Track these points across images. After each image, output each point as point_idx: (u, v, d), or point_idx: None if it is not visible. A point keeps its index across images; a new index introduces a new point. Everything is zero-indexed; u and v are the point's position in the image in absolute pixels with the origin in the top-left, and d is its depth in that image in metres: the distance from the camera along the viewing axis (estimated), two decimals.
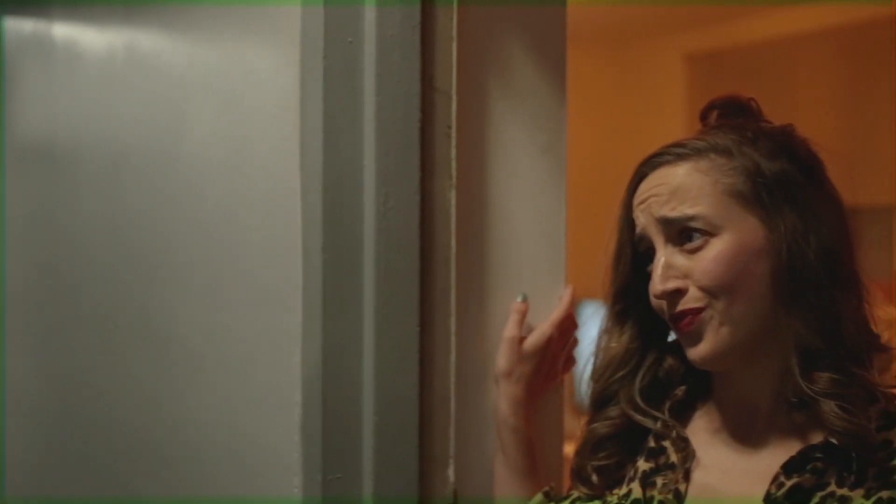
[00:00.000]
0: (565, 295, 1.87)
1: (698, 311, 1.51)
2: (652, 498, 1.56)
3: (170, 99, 2.20)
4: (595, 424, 1.65)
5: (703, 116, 1.62)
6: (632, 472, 1.61)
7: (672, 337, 1.61)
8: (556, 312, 1.84)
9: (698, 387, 1.63)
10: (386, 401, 1.72)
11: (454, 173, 1.77)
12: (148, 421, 2.29)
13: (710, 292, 1.50)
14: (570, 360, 1.87)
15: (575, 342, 1.87)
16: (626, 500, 1.58)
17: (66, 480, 2.68)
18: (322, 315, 1.70)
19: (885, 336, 1.55)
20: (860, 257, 1.56)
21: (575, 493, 1.67)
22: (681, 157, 1.55)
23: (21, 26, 3.09)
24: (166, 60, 2.23)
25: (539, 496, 1.73)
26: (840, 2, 4.60)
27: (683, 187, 1.52)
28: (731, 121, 1.59)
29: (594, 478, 1.64)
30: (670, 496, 1.55)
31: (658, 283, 1.53)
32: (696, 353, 1.53)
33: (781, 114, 1.62)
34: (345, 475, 1.72)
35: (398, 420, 1.73)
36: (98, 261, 2.51)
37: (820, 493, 1.47)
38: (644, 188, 1.57)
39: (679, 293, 1.52)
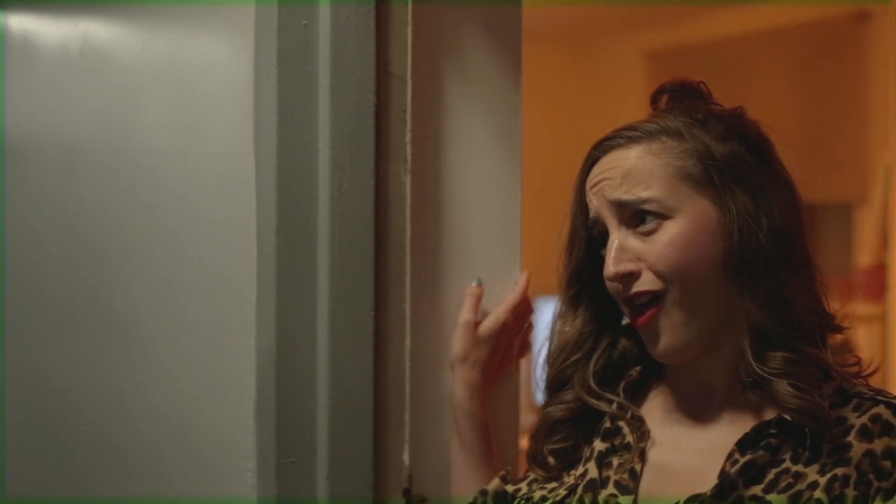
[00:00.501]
0: (521, 280, 1.87)
1: (653, 293, 1.51)
2: (608, 478, 1.57)
3: (125, 89, 2.18)
4: (550, 408, 1.66)
5: (654, 100, 1.63)
6: (588, 453, 1.62)
7: (626, 320, 1.61)
8: (511, 297, 1.85)
9: (653, 367, 1.64)
10: (340, 385, 1.72)
11: (409, 158, 1.78)
12: (109, 412, 2.27)
13: (664, 276, 1.51)
14: (526, 345, 1.88)
15: (530, 327, 1.88)
16: (583, 481, 1.58)
17: (30, 477, 2.66)
18: (276, 299, 1.69)
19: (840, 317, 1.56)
20: (812, 238, 1.57)
21: (532, 475, 1.67)
22: (632, 140, 1.55)
23: None
24: (121, 50, 2.22)
25: (496, 480, 1.72)
26: (798, 1, 4.63)
27: (636, 170, 1.53)
28: (681, 104, 1.60)
29: (550, 461, 1.65)
30: (626, 476, 1.56)
31: (611, 266, 1.53)
32: (657, 350, 1.54)
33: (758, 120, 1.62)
34: (298, 459, 1.71)
35: (352, 404, 1.72)
36: (55, 252, 2.49)
37: (774, 470, 1.47)
38: (596, 171, 1.57)
39: (632, 276, 1.52)
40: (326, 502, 1.71)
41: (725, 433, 1.53)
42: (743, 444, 1.49)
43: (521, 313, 1.85)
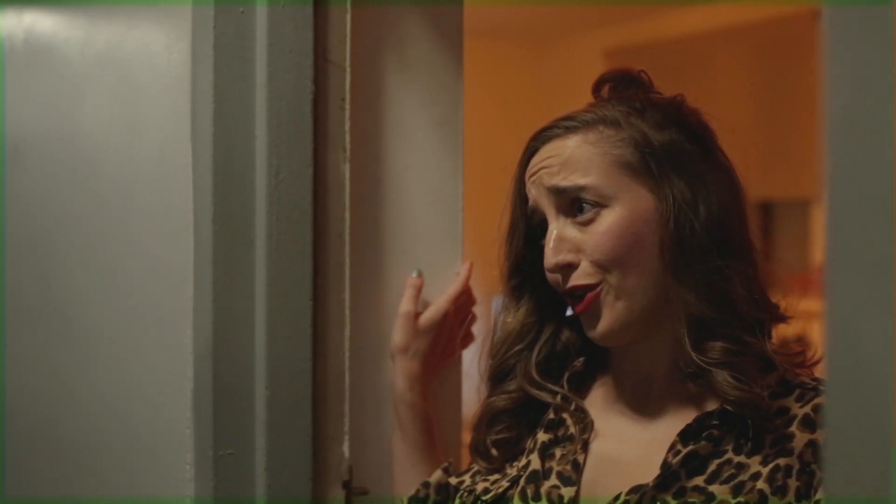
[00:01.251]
0: (463, 270, 1.86)
1: (592, 287, 1.50)
2: (550, 469, 1.55)
3: (68, 80, 2.17)
4: (492, 398, 1.64)
5: (596, 90, 1.62)
6: (531, 444, 1.60)
7: (570, 312, 1.60)
8: (452, 287, 1.83)
9: (596, 358, 1.63)
10: (278, 376, 1.70)
11: (348, 146, 1.76)
12: (60, 406, 2.25)
13: (603, 266, 1.49)
14: (469, 336, 1.86)
15: (473, 318, 1.86)
16: (525, 472, 1.57)
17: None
18: (212, 289, 1.68)
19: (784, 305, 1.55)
20: (754, 225, 1.56)
21: (475, 467, 1.66)
22: (570, 130, 1.54)
23: None
24: (65, 42, 2.20)
25: (438, 472, 1.71)
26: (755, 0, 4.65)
27: (573, 159, 1.52)
28: (622, 93, 1.59)
29: (493, 452, 1.63)
30: (569, 467, 1.54)
31: (551, 256, 1.52)
32: (595, 332, 1.53)
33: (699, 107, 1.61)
34: (236, 451, 1.69)
35: (291, 395, 1.71)
36: (5, 246, 2.47)
37: (717, 461, 1.46)
38: (535, 161, 1.56)
39: (572, 267, 1.51)
40: (264, 495, 1.69)
41: (668, 424, 1.52)
42: (685, 435, 1.48)
43: (463, 304, 1.84)
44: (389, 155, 1.82)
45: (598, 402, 1.61)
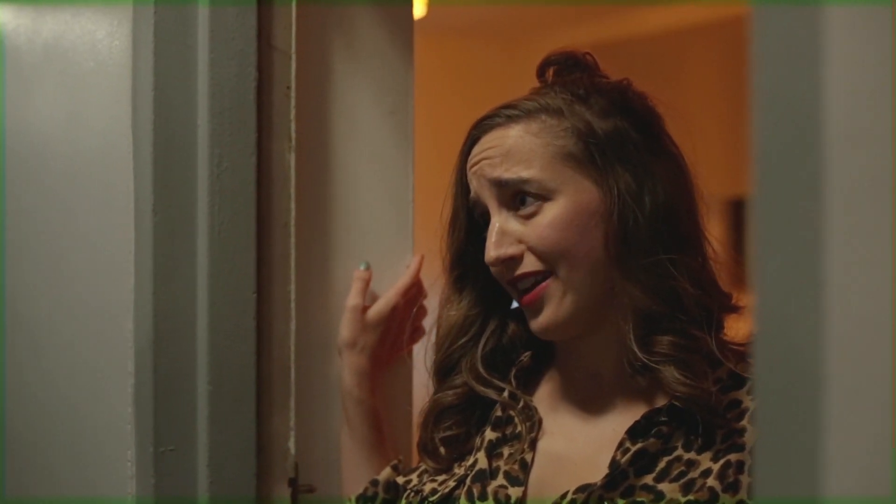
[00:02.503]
0: (413, 263, 1.81)
1: (537, 274, 1.46)
2: (498, 469, 1.51)
3: (18, 69, 2.13)
4: (439, 394, 1.60)
5: (540, 73, 1.58)
6: (478, 443, 1.56)
7: (515, 304, 1.56)
8: (401, 280, 1.79)
9: (544, 352, 1.59)
10: (221, 370, 1.65)
11: (293, 134, 1.72)
12: (14, 402, 2.21)
13: (547, 258, 1.46)
14: (419, 331, 1.81)
15: (423, 311, 1.81)
16: (472, 472, 1.53)
17: None
18: (153, 282, 1.63)
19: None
20: (704, 214, 1.52)
21: (423, 466, 1.62)
22: (512, 119, 1.50)
23: None
24: (14, 31, 2.16)
25: (387, 470, 1.66)
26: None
27: (515, 150, 1.47)
28: (566, 77, 1.55)
29: (441, 450, 1.59)
30: (516, 466, 1.50)
31: (492, 251, 1.48)
32: (537, 323, 1.49)
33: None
34: (178, 447, 1.65)
35: (234, 390, 1.66)
36: None
37: (666, 458, 1.43)
38: (476, 151, 1.52)
39: (514, 260, 1.47)
40: (207, 492, 1.65)
41: (617, 421, 1.48)
42: (633, 433, 1.44)
43: (413, 297, 1.80)
44: (337, 144, 1.77)
45: (545, 398, 1.56)
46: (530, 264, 1.47)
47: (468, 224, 1.55)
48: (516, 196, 1.47)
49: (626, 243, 1.44)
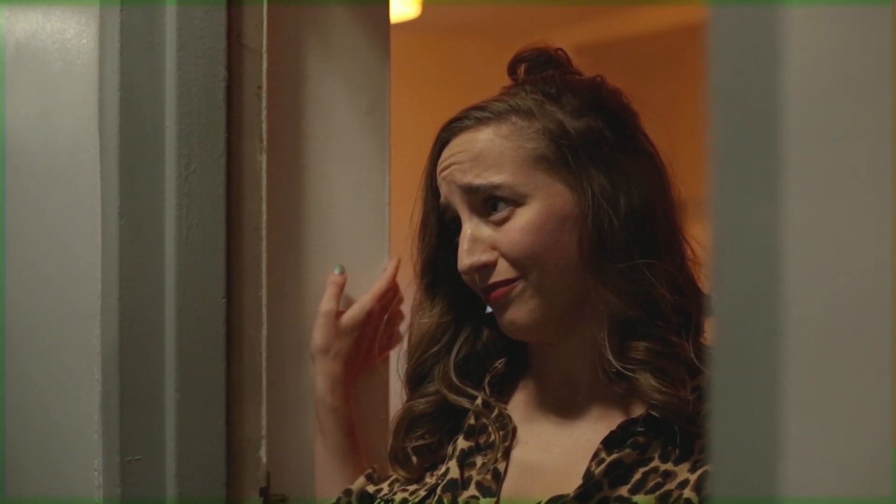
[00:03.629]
0: (389, 267, 1.77)
1: (510, 281, 1.42)
2: (470, 478, 1.47)
3: None
4: (411, 402, 1.56)
5: (511, 70, 1.53)
6: (450, 451, 1.52)
7: (489, 309, 1.52)
8: (377, 285, 1.75)
9: (519, 359, 1.54)
10: (189, 377, 1.61)
11: (264, 135, 1.67)
12: None
13: (520, 264, 1.41)
14: (395, 336, 1.77)
15: (400, 317, 1.77)
16: (443, 481, 1.48)
17: None
18: (119, 286, 1.59)
19: None
20: (682, 216, 1.47)
21: (394, 475, 1.57)
22: (481, 122, 1.45)
23: None
24: None
25: (361, 479, 1.62)
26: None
27: (485, 154, 1.43)
28: (537, 75, 1.50)
29: (413, 459, 1.54)
30: (489, 476, 1.46)
31: (465, 258, 1.43)
32: (505, 321, 1.44)
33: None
34: (145, 456, 1.61)
35: (203, 398, 1.62)
36: None
37: (642, 469, 1.39)
38: (446, 155, 1.47)
39: (488, 267, 1.43)
40: (176, 502, 1.61)
41: (593, 430, 1.44)
42: (609, 443, 1.40)
43: (389, 302, 1.75)
44: (311, 144, 1.73)
45: (520, 406, 1.52)
46: (503, 272, 1.42)
47: (439, 229, 1.51)
48: (487, 201, 1.43)
49: (601, 247, 1.40)
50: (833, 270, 0.70)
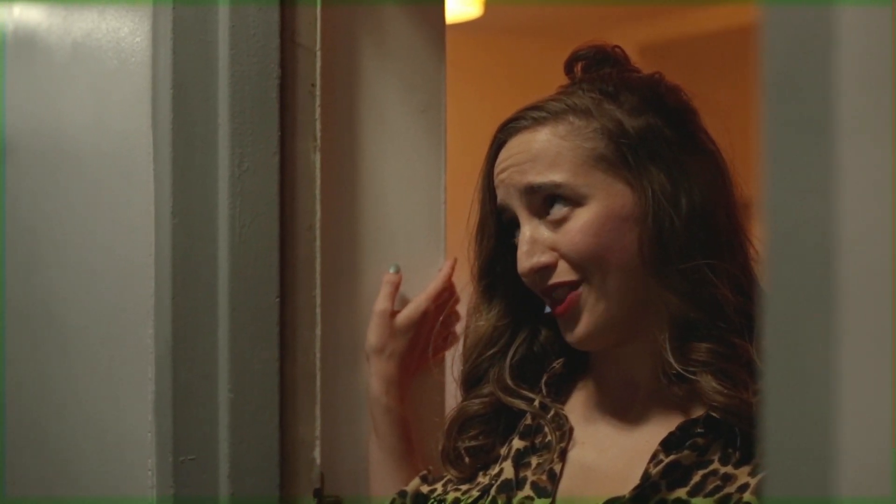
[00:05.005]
0: (445, 267, 1.75)
1: (572, 284, 1.40)
2: (525, 479, 1.45)
3: (50, 71, 2.10)
4: (465, 402, 1.54)
5: (568, 69, 1.51)
6: (505, 452, 1.50)
7: (548, 310, 1.49)
8: (432, 284, 1.73)
9: (578, 359, 1.52)
10: (242, 377, 1.60)
11: (318, 133, 1.66)
12: (44, 410, 2.19)
13: (580, 266, 1.39)
14: (452, 337, 1.75)
15: (456, 317, 1.75)
16: (497, 481, 1.46)
17: None
18: (171, 286, 1.58)
19: None
20: (744, 215, 1.45)
21: (448, 476, 1.56)
22: (538, 122, 1.43)
23: None
24: (47, 33, 2.13)
25: (416, 480, 1.60)
26: None
27: (543, 154, 1.41)
28: (594, 73, 1.48)
29: (465, 459, 1.53)
30: (544, 477, 1.44)
31: (524, 260, 1.41)
32: (572, 335, 1.42)
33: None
34: (199, 456, 1.60)
35: (256, 398, 1.61)
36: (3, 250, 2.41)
37: (701, 471, 1.36)
38: (503, 156, 1.45)
39: (548, 268, 1.41)
40: (228, 502, 1.59)
41: (652, 432, 1.41)
42: (667, 444, 1.37)
43: (445, 302, 1.73)
44: (365, 143, 1.71)
45: (578, 407, 1.50)
46: (563, 273, 1.40)
47: (497, 231, 1.49)
48: (546, 202, 1.41)
49: (661, 248, 1.37)
50: (887, 267, 0.67)
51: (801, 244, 0.70)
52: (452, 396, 1.65)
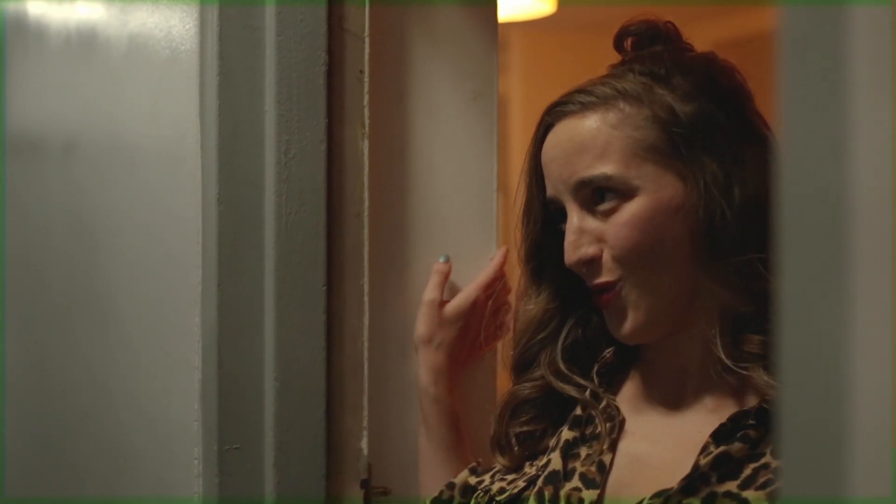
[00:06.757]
0: (496, 256, 1.72)
1: (612, 284, 1.37)
2: (573, 470, 1.42)
3: (108, 67, 2.10)
4: (516, 386, 1.51)
5: (618, 45, 1.48)
6: (554, 442, 1.47)
7: None
8: (483, 274, 1.70)
9: (628, 347, 1.48)
10: (289, 366, 1.59)
11: (367, 121, 1.64)
12: (96, 403, 2.19)
13: (624, 261, 1.36)
14: (503, 327, 1.72)
15: (508, 307, 1.72)
16: (544, 472, 1.44)
17: (31, 476, 2.59)
18: (217, 273, 1.57)
19: None
20: None
21: (497, 467, 1.53)
22: (587, 107, 1.39)
23: (7, 8, 3.01)
24: (105, 30, 2.13)
25: (464, 472, 1.58)
26: None
27: (592, 144, 1.38)
28: (646, 51, 1.44)
29: (515, 446, 1.50)
30: (593, 468, 1.41)
31: (571, 252, 1.39)
32: (618, 331, 1.40)
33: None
34: (244, 446, 1.59)
35: (303, 387, 1.59)
36: (59, 246, 2.42)
37: (752, 465, 1.32)
38: (551, 143, 1.42)
39: (594, 260, 1.38)
40: (274, 492, 1.59)
41: (704, 422, 1.38)
42: (718, 436, 1.34)
43: (496, 292, 1.70)
44: (415, 130, 1.69)
45: (629, 397, 1.47)
46: (608, 271, 1.38)
47: (543, 214, 1.46)
48: (594, 193, 1.38)
49: (712, 241, 1.34)
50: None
51: (816, 214, 0.67)
52: (504, 386, 1.62)
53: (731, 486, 1.31)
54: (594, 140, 1.38)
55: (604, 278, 1.38)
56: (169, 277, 1.75)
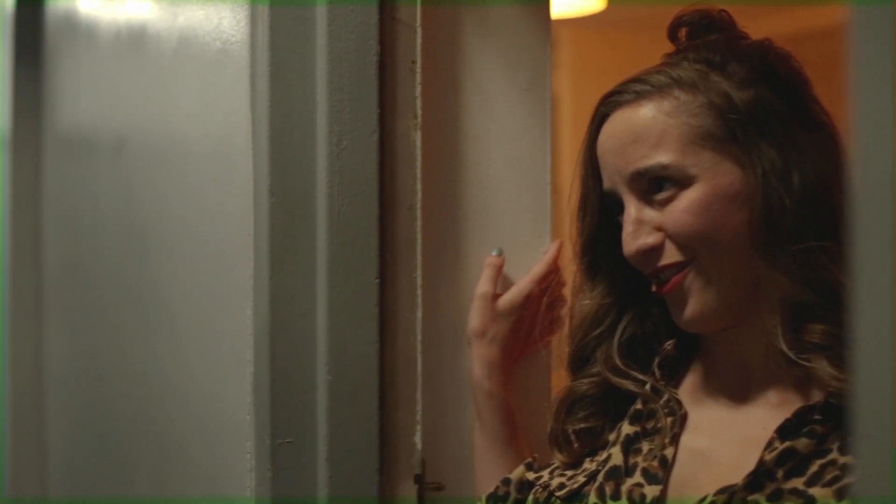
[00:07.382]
0: (550, 249, 1.70)
1: (680, 266, 1.35)
2: (635, 465, 1.40)
3: (157, 64, 2.10)
4: (573, 383, 1.49)
5: (672, 35, 1.45)
6: (614, 437, 1.45)
7: (654, 288, 1.44)
8: (536, 267, 1.68)
9: (689, 341, 1.46)
10: (341, 359, 1.57)
11: (419, 112, 1.62)
12: (143, 397, 2.19)
13: (688, 246, 1.34)
14: (557, 321, 1.70)
15: (562, 301, 1.70)
16: (604, 467, 1.41)
17: (77, 471, 2.60)
18: (269, 266, 1.56)
19: None
20: None
21: (555, 463, 1.51)
22: (642, 96, 1.37)
23: (57, 6, 3.03)
24: (155, 27, 2.13)
25: (520, 468, 1.56)
26: None
27: (648, 133, 1.35)
28: (701, 40, 1.42)
29: (573, 442, 1.48)
30: (655, 463, 1.38)
31: (630, 242, 1.36)
32: (681, 317, 1.37)
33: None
34: (296, 439, 1.57)
35: (355, 380, 1.57)
36: (109, 245, 2.43)
37: (819, 461, 1.29)
38: (607, 133, 1.40)
39: (654, 250, 1.35)
40: (326, 487, 1.57)
41: (768, 416, 1.35)
42: (783, 431, 1.31)
43: (549, 286, 1.68)
44: (468, 122, 1.67)
45: (690, 390, 1.44)
46: (671, 255, 1.35)
47: (599, 206, 1.44)
48: (652, 182, 1.35)
49: (771, 229, 1.31)
50: None
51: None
52: (559, 381, 1.60)
53: (798, 482, 1.28)
54: (649, 129, 1.36)
55: (669, 260, 1.35)
56: (220, 272, 1.74)
